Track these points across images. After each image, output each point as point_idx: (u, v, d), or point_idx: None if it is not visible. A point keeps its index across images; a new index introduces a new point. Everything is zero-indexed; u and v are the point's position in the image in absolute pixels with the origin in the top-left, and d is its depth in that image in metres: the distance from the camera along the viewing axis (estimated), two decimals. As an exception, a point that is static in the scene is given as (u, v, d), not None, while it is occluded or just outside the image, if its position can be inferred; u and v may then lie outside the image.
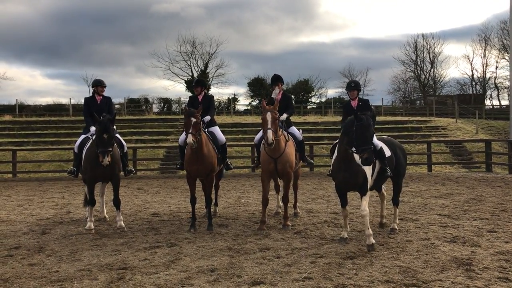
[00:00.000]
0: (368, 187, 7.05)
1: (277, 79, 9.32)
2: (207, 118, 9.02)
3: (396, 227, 7.94)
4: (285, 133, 8.59)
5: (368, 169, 6.94)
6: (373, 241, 6.79)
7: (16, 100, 47.81)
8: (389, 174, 7.36)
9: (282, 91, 9.27)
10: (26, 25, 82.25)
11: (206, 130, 8.77)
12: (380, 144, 7.40)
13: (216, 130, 9.23)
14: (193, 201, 8.62)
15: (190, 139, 7.81)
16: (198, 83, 9.51)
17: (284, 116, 8.89)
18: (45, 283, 5.51)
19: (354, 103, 7.76)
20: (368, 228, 6.80)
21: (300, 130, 9.78)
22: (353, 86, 7.88)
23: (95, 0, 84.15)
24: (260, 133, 8.71)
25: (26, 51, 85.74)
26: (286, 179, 8.43)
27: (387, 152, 7.48)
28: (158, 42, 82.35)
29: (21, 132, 31.17)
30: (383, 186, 8.30)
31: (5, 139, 29.47)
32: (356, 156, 6.69)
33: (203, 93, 9.41)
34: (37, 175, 20.98)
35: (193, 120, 7.94)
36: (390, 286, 5.22)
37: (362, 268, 5.85)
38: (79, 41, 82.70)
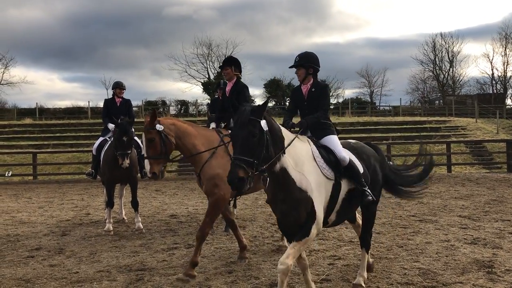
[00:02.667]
0: (316, 227, 4.40)
1: (228, 62, 6.86)
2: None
3: (362, 283, 5.19)
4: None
5: (318, 195, 4.42)
6: None
7: (36, 103, 48.66)
8: (370, 198, 4.83)
9: (236, 80, 6.84)
10: (42, 29, 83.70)
11: None
12: (344, 154, 4.83)
13: None
14: None
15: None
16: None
17: (213, 125, 7.03)
18: (65, 284, 5.57)
19: (304, 89, 5.17)
20: None
21: None
22: (297, 61, 5.11)
23: (108, 4, 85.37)
24: None
25: (43, 55, 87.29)
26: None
27: (360, 167, 4.95)
28: (172, 45, 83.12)
29: (41, 135, 31.69)
30: (356, 215, 5.78)
31: (25, 142, 29.99)
32: (296, 175, 4.31)
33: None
34: (57, 177, 21.27)
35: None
36: (409, 288, 5.15)
37: (380, 270, 5.79)
38: (94, 44, 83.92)
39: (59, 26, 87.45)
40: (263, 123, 4.02)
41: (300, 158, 4.41)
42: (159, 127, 5.90)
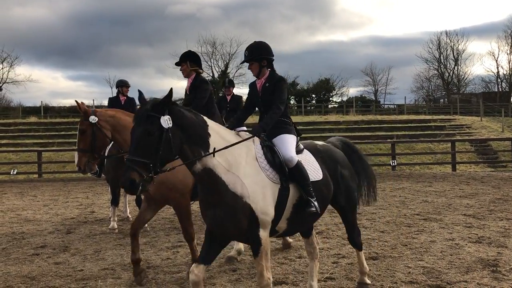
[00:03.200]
0: (263, 230, 4.00)
1: (183, 57, 6.25)
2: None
3: (367, 280, 5.16)
4: None
5: (262, 197, 3.96)
6: None
7: (41, 102, 48.83)
8: (314, 210, 4.21)
9: (195, 75, 6.26)
10: (46, 28, 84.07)
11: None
12: (292, 155, 4.29)
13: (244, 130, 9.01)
14: None
15: None
16: (232, 84, 9.45)
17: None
18: (70, 282, 5.60)
19: (259, 84, 4.63)
20: None
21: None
22: (248, 55, 4.61)
23: (112, 2, 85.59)
24: None
25: (47, 54, 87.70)
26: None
27: (316, 173, 4.44)
28: (176, 43, 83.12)
29: (46, 133, 31.80)
30: (313, 232, 5.09)
31: (30, 140, 30.11)
32: (229, 178, 3.88)
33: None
34: (62, 176, 21.35)
35: None
36: (413, 286, 5.14)
37: (384, 269, 5.78)
38: (98, 43, 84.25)
39: (63, 24, 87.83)
40: (165, 119, 3.61)
41: (237, 159, 3.96)
42: (92, 118, 5.55)
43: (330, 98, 60.60)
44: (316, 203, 4.22)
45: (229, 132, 4.19)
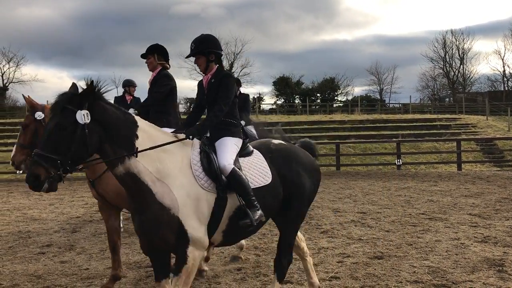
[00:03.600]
0: (194, 248, 3.61)
1: (150, 50, 5.65)
2: (242, 122, 7.92)
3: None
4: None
5: (194, 211, 3.60)
6: None
7: (47, 101, 48.94)
8: (248, 223, 3.75)
9: (159, 69, 5.64)
10: (52, 27, 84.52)
11: None
12: (226, 162, 3.82)
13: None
14: None
15: None
16: (238, 83, 9.26)
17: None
18: (75, 280, 5.63)
19: (205, 80, 4.22)
20: None
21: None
22: (194, 48, 4.17)
23: (116, 2, 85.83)
24: None
25: (52, 53, 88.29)
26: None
27: (263, 178, 4.04)
28: (180, 43, 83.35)
29: (52, 133, 31.96)
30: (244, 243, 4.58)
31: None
32: (156, 187, 3.55)
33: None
34: (68, 175, 21.43)
35: None
36: (418, 286, 5.13)
37: (389, 268, 5.77)
38: (102, 42, 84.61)
39: (68, 24, 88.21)
40: (81, 114, 3.28)
41: (168, 166, 3.59)
42: (38, 115, 5.18)
43: (335, 97, 60.53)
44: (257, 213, 3.78)
45: (166, 136, 3.77)
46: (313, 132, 30.99)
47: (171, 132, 3.98)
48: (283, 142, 4.54)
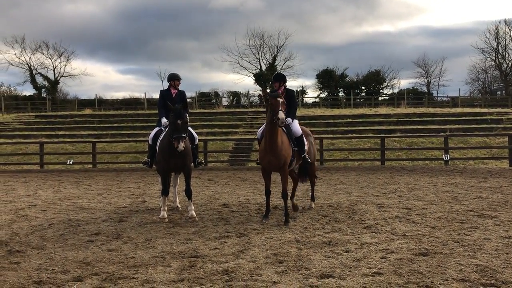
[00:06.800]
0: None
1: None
2: (289, 120, 8.59)
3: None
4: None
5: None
6: None
7: (96, 94, 50.71)
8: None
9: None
10: (96, 23, 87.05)
11: None
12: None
13: (294, 123, 8.89)
14: (267, 193, 8.75)
15: (281, 115, 7.83)
16: (277, 78, 9.00)
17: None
18: (122, 268, 5.80)
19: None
20: None
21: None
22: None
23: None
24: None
25: (97, 48, 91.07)
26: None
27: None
28: (220, 36, 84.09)
29: (100, 125, 33.00)
30: None
31: (86, 132, 31.34)
32: None
33: (283, 87, 8.92)
34: (115, 166, 22.08)
35: (280, 100, 8.05)
36: (465, 285, 4.98)
37: (435, 265, 5.63)
38: (145, 37, 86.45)
39: (112, 19, 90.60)
40: None
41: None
42: None
43: (381, 90, 59.36)
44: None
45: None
46: (357, 125, 30.52)
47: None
48: None
